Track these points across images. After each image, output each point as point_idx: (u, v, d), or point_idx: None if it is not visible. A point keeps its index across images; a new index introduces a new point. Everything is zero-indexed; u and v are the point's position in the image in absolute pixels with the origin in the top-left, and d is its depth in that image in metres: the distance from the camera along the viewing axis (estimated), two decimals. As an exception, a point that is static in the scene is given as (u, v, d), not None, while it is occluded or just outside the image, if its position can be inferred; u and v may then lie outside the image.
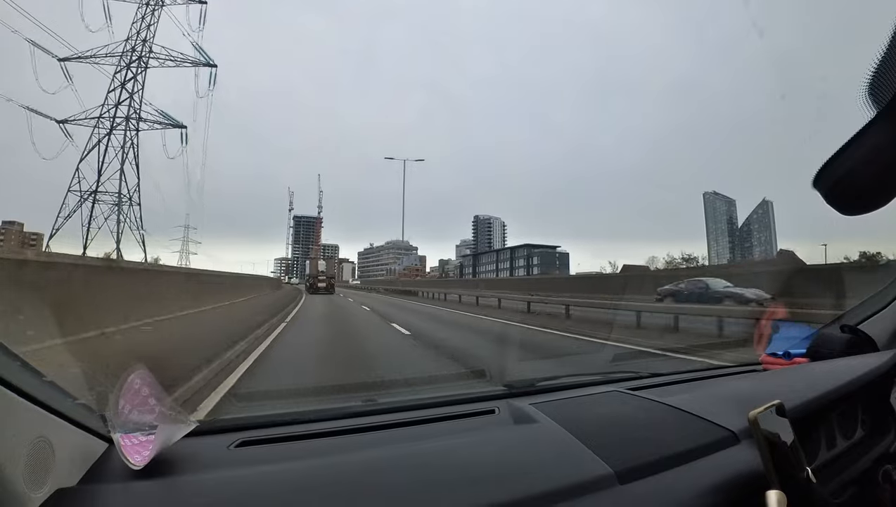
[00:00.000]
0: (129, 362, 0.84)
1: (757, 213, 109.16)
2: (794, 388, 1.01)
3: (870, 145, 0.65)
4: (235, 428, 0.97)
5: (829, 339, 1.34)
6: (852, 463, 0.98)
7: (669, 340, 7.38)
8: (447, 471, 0.76)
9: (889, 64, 0.59)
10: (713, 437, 0.85)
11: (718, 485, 0.73)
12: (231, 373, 4.69)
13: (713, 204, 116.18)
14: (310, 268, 40.91)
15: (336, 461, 0.78)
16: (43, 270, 6.34)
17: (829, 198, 0.73)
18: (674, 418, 0.95)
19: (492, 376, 3.39)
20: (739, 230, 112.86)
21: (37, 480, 0.60)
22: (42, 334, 4.58)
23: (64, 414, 0.71)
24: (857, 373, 1.05)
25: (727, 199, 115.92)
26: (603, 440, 0.82)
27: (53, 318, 5.16)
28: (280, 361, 5.72)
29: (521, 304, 15.39)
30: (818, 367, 1.26)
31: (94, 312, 6.76)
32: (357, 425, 1.01)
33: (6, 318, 4.85)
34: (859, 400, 1.06)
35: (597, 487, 0.70)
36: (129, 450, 0.73)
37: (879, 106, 0.61)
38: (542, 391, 1.27)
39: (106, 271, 8.48)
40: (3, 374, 0.61)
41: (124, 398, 0.78)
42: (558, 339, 7.93)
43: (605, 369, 1.89)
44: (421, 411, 1.13)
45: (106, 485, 0.69)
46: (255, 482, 0.71)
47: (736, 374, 1.50)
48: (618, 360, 3.85)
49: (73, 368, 3.39)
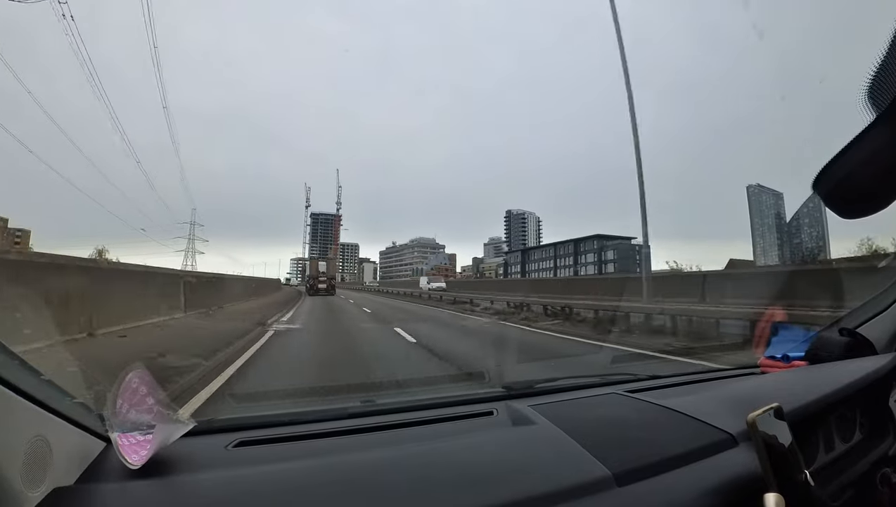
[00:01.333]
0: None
1: (807, 206, 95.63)
2: (793, 391, 1.01)
3: (869, 148, 0.65)
4: (233, 428, 0.97)
5: (827, 342, 1.34)
6: (850, 466, 0.97)
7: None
8: (445, 472, 0.76)
9: (888, 67, 0.59)
10: (711, 439, 0.85)
11: (716, 488, 0.73)
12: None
13: (758, 198, 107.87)
14: (309, 269, 40.90)
15: (334, 462, 0.78)
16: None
17: (829, 201, 0.74)
18: (672, 420, 0.95)
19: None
20: (788, 226, 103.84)
21: (34, 479, 0.60)
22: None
23: (62, 413, 0.71)
24: (855, 376, 1.05)
25: (774, 192, 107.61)
26: (601, 442, 0.82)
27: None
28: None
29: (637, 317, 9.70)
30: (817, 370, 1.26)
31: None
32: (355, 425, 1.01)
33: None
34: (858, 403, 1.06)
35: (595, 489, 0.70)
36: (127, 450, 0.73)
37: (879, 109, 0.61)
38: (540, 393, 1.27)
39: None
40: (1, 372, 0.61)
41: (122, 398, 0.78)
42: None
43: (604, 371, 1.89)
44: (419, 412, 1.13)
45: (103, 484, 0.69)
46: (253, 482, 0.71)
47: (734, 377, 1.50)
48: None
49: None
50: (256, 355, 6.23)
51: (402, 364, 5.70)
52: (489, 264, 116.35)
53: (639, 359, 5.47)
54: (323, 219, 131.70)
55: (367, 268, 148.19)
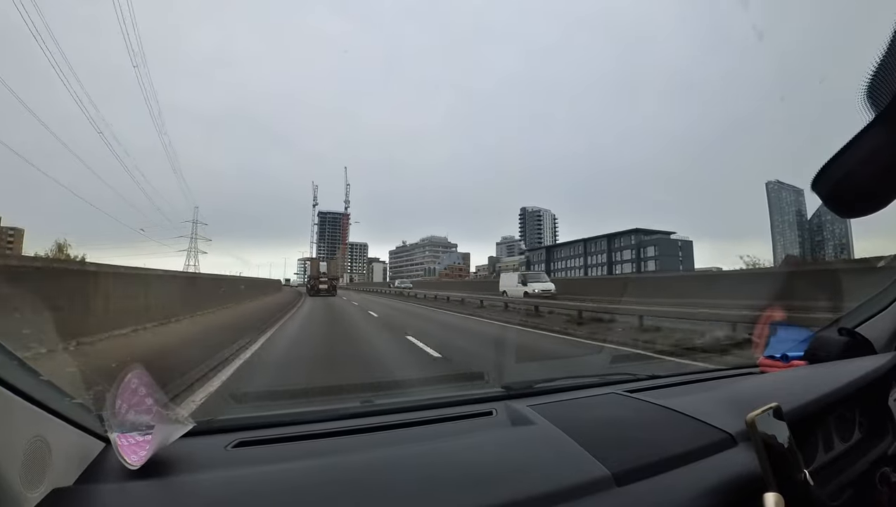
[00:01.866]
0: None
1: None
2: (792, 391, 1.01)
3: (868, 148, 0.65)
4: (232, 429, 0.97)
5: (826, 342, 1.34)
6: (850, 466, 0.98)
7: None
8: (445, 472, 0.76)
9: (887, 67, 0.59)
10: (711, 439, 0.85)
11: (716, 487, 0.73)
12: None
13: (778, 194, 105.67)
14: (310, 269, 39.62)
15: (334, 462, 0.78)
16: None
17: (828, 200, 0.74)
18: (671, 420, 0.95)
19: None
20: (809, 223, 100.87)
21: (33, 479, 0.60)
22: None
23: (61, 414, 0.71)
24: (854, 376, 1.05)
25: (794, 188, 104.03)
26: (600, 442, 0.82)
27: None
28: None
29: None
30: (816, 370, 1.26)
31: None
32: (355, 426, 1.00)
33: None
34: (857, 403, 1.06)
35: (594, 489, 0.70)
36: (126, 450, 0.73)
37: (878, 109, 0.61)
38: (539, 393, 1.27)
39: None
40: (0, 373, 0.61)
41: (121, 398, 0.78)
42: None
43: (603, 371, 1.89)
44: (419, 412, 1.13)
45: (102, 485, 0.69)
46: (253, 482, 0.70)
47: (733, 376, 1.50)
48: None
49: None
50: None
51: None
52: (506, 262, 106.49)
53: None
54: (331, 218, 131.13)
55: (376, 268, 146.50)
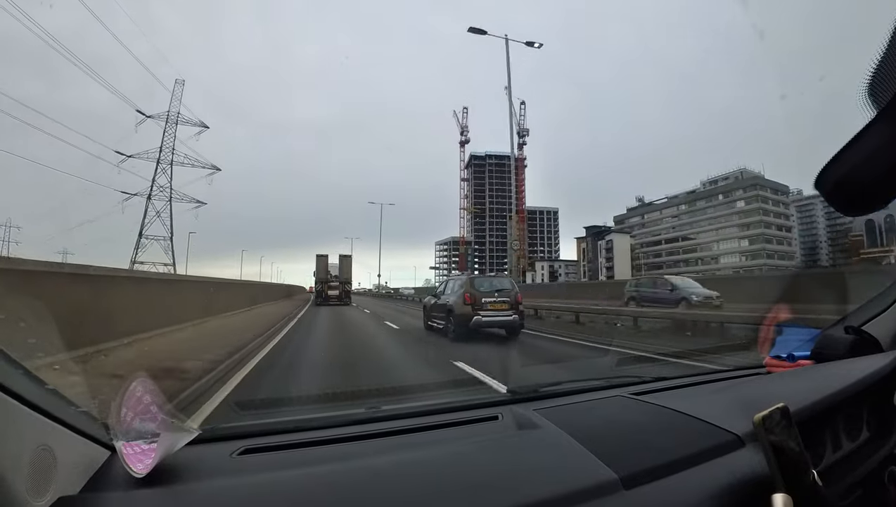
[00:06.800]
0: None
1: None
2: (799, 390, 1.01)
3: (870, 146, 0.65)
4: (238, 436, 0.97)
5: (833, 340, 1.33)
6: (858, 465, 0.97)
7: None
8: (451, 478, 0.75)
9: (888, 65, 0.59)
10: (718, 441, 0.84)
11: (724, 489, 0.72)
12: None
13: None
14: (317, 270, 28.88)
15: (341, 469, 0.78)
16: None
17: (831, 199, 0.74)
18: (678, 422, 0.94)
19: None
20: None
21: (39, 488, 0.60)
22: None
23: (66, 422, 0.71)
24: (861, 374, 1.05)
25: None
26: (607, 446, 0.82)
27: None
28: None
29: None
30: (822, 369, 1.25)
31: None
32: (361, 432, 1.00)
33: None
34: (864, 402, 1.05)
35: (601, 492, 0.69)
36: (132, 458, 0.72)
37: (879, 107, 0.61)
38: (545, 397, 1.27)
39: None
40: (6, 382, 0.61)
41: (126, 406, 0.78)
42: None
43: (609, 374, 1.88)
44: (425, 417, 1.13)
45: (108, 493, 0.69)
46: (259, 489, 0.70)
47: (740, 377, 1.49)
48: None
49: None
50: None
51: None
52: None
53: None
54: (491, 164, 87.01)
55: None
